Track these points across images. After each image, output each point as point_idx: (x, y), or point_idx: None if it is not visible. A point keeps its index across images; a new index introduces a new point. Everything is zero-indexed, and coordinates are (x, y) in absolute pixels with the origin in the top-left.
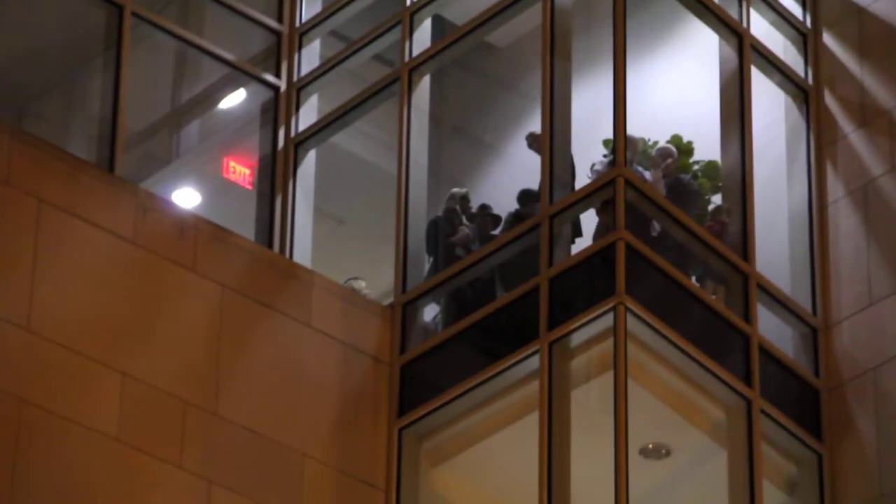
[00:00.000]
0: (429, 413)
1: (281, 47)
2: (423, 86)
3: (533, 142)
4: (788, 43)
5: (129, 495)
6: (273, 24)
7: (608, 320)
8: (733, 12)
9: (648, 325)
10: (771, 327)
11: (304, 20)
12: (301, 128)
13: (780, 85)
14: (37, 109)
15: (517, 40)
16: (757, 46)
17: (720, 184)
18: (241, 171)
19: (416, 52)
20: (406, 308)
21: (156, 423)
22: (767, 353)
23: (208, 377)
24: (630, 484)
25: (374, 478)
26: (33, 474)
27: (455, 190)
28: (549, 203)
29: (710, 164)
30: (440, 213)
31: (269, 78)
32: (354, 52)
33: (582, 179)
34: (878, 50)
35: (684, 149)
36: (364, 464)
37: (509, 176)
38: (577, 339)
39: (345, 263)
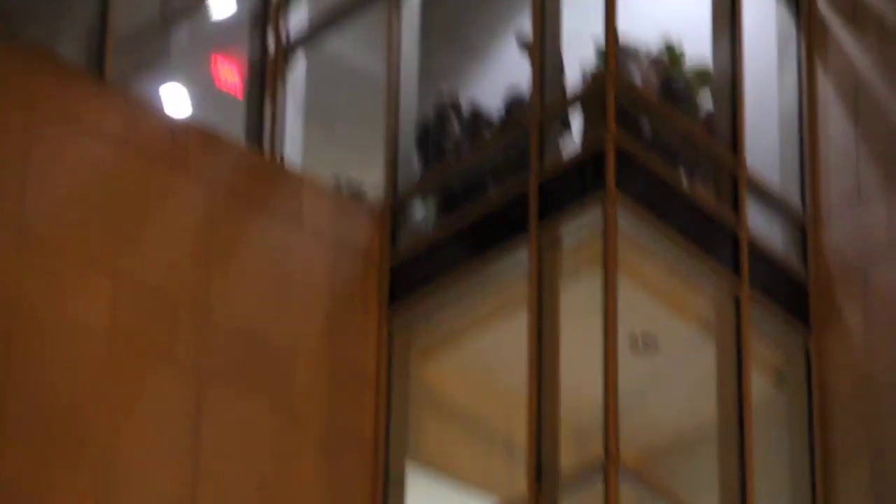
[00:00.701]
0: (419, 309)
1: None
2: None
3: (523, 44)
4: None
5: (120, 393)
6: None
7: (598, 215)
8: None
9: (638, 219)
10: (760, 223)
11: None
12: (292, 32)
13: None
14: (25, 13)
15: None
16: None
17: (709, 80)
18: (231, 75)
19: None
20: (396, 208)
21: (147, 321)
22: (756, 248)
23: (199, 277)
24: (619, 376)
25: (364, 373)
26: (24, 372)
27: (445, 91)
28: (540, 105)
29: (701, 70)
30: (430, 115)
31: None
32: None
33: (573, 82)
34: None
35: (675, 53)
36: (355, 360)
37: (500, 79)
38: (566, 234)
39: (335, 167)
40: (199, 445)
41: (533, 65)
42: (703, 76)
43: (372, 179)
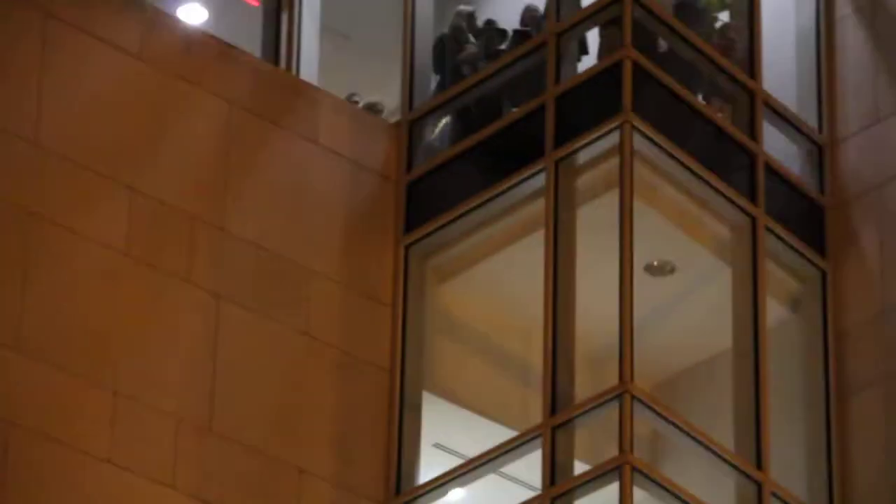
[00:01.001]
0: (435, 230)
1: None
2: None
3: None
4: None
5: (137, 308)
6: None
7: (614, 138)
8: None
9: (654, 142)
10: (777, 145)
11: None
12: None
13: None
14: None
15: None
16: None
17: (728, 2)
18: None
19: None
20: (413, 126)
21: (164, 237)
22: (773, 171)
23: (216, 193)
24: (634, 300)
25: (380, 293)
26: (42, 286)
27: (461, 7)
28: (556, 20)
29: None
30: (447, 30)
31: None
32: None
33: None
34: None
35: None
36: (371, 280)
37: None
38: (583, 157)
39: (351, 81)
40: (216, 363)
41: None
42: None
43: (389, 96)
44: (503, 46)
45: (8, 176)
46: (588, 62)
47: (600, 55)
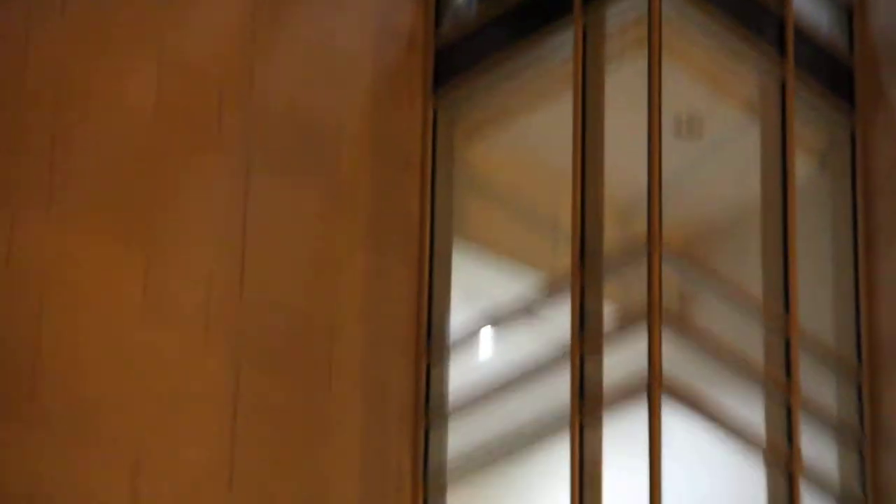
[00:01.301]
0: (463, 91)
1: None
2: None
3: None
4: None
5: (167, 173)
6: None
7: None
8: None
9: (683, 1)
10: (806, 4)
11: None
12: None
13: None
14: None
15: None
16: None
17: None
18: None
19: None
20: None
21: (193, 102)
22: (802, 30)
23: (243, 57)
24: (664, 158)
25: (409, 152)
26: (72, 153)
27: None
28: None
29: None
30: None
31: None
32: None
33: None
34: None
35: None
36: (400, 141)
37: None
38: (611, 17)
39: None
40: (246, 225)
41: None
42: None
43: None
44: None
45: (35, 44)
46: None
47: None
